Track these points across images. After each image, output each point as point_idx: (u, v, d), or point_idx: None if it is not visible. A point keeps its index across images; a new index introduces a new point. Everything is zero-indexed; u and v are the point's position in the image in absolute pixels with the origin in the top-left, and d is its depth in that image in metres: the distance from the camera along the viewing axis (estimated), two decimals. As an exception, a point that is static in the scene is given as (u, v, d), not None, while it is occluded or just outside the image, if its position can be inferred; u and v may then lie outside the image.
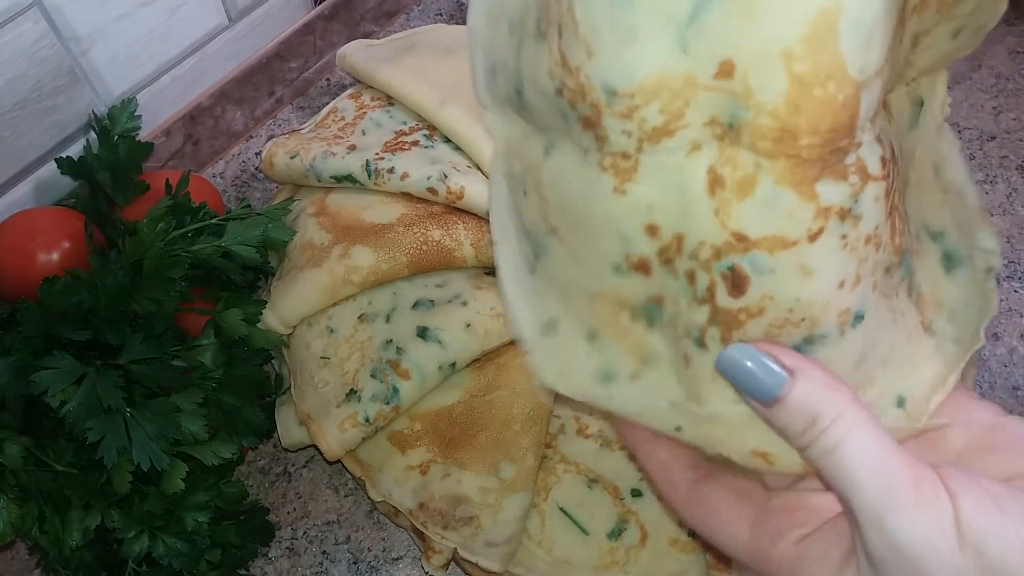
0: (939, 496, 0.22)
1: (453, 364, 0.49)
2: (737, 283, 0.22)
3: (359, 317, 0.51)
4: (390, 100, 0.60)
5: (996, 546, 0.21)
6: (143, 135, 0.56)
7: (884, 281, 0.25)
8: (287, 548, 0.51)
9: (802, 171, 0.20)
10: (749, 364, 0.23)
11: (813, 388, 0.23)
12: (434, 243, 0.52)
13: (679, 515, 0.29)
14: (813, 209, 0.21)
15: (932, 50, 0.25)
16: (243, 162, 0.66)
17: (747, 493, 0.27)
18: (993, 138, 0.65)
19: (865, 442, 0.23)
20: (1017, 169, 0.64)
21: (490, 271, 0.54)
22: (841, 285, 0.23)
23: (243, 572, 0.50)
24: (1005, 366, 0.56)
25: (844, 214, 0.22)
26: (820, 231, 0.21)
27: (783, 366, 0.23)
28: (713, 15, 0.19)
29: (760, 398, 0.24)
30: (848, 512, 0.23)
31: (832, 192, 0.21)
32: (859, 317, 0.24)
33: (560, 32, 0.22)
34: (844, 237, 0.22)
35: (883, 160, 0.22)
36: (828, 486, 0.24)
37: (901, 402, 0.26)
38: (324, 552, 0.51)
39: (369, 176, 0.54)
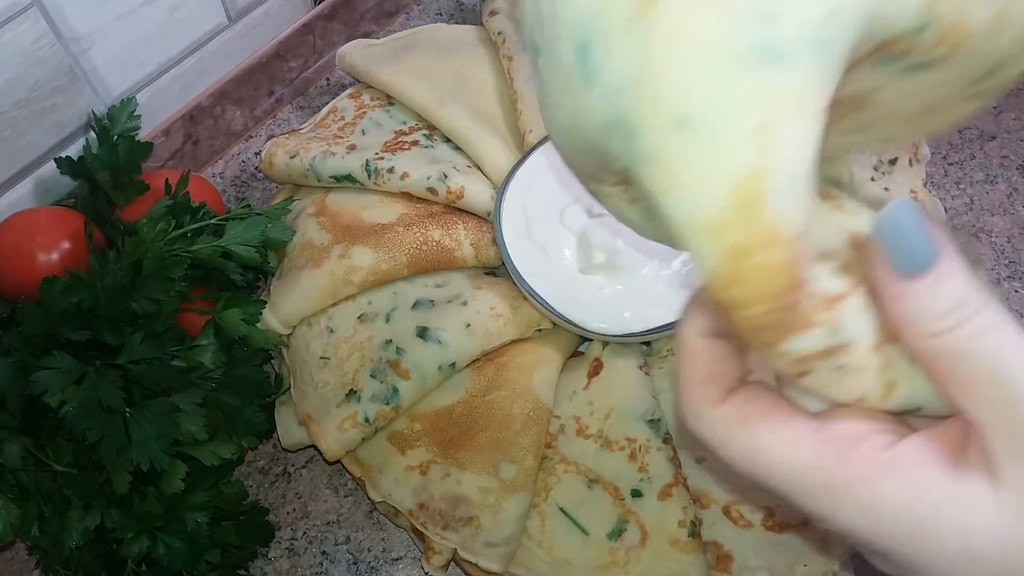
0: None
1: (453, 364, 0.49)
2: None
3: (359, 317, 0.51)
4: (390, 100, 0.60)
5: None
6: (143, 135, 0.56)
7: None
8: (287, 548, 0.51)
9: (761, 337, 0.19)
10: (911, 217, 0.20)
11: (961, 267, 0.20)
12: (434, 243, 0.52)
13: (707, 427, 0.23)
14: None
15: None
16: (243, 162, 0.66)
17: (790, 405, 0.23)
18: (993, 138, 0.65)
19: (1013, 337, 0.20)
20: (1018, 169, 0.64)
21: (490, 271, 0.54)
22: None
23: (243, 572, 0.50)
24: (1005, 366, 0.56)
25: (828, 354, 0.20)
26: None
27: (937, 238, 0.21)
28: (642, 186, 0.18)
29: (914, 261, 0.20)
30: (990, 407, 0.20)
31: (803, 344, 0.20)
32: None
33: None
34: (840, 369, 0.21)
35: (844, 266, 0.21)
36: (952, 383, 0.21)
37: None
38: (324, 552, 0.51)
39: (369, 176, 0.54)
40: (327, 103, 0.62)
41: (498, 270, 0.54)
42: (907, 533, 0.21)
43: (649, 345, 0.52)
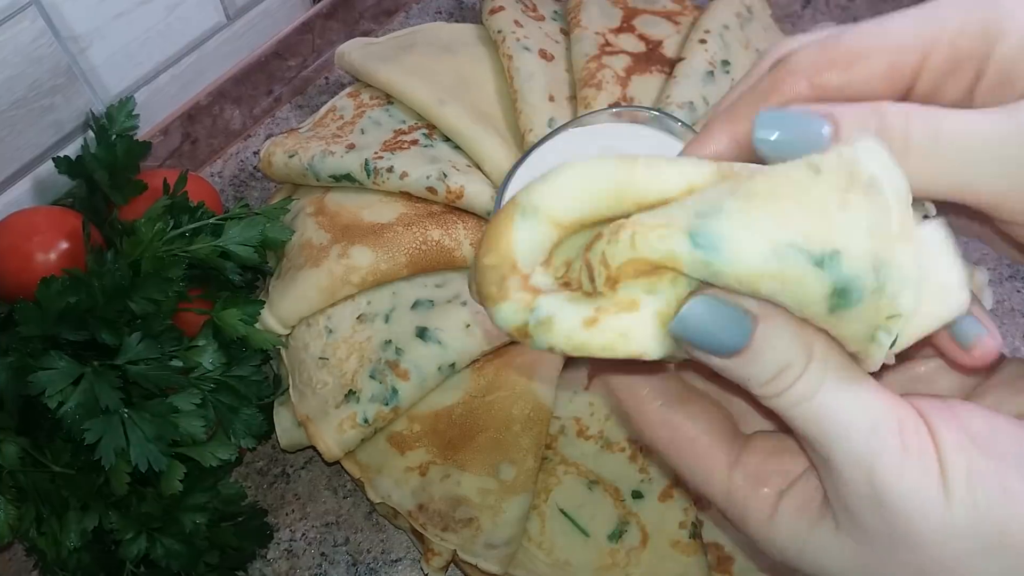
0: (923, 440, 0.20)
1: (453, 365, 0.49)
2: None
3: (358, 317, 0.51)
4: (389, 99, 0.60)
5: (980, 489, 0.20)
6: (141, 134, 0.56)
7: None
8: (285, 550, 0.51)
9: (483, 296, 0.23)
10: (711, 314, 0.21)
11: (778, 333, 0.21)
12: (433, 243, 0.52)
13: (649, 440, 0.26)
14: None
15: None
16: (241, 161, 0.66)
17: (724, 428, 0.25)
18: (995, 137, 0.65)
19: (843, 385, 0.21)
20: (1019, 168, 0.63)
21: (490, 271, 0.54)
22: None
23: (241, 574, 0.49)
24: (1007, 366, 0.56)
25: (538, 326, 0.22)
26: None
27: (747, 310, 0.21)
28: None
29: (721, 351, 0.21)
30: (823, 464, 0.22)
31: (505, 312, 0.23)
32: None
33: None
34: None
35: (564, 276, 0.23)
36: (798, 437, 0.22)
37: None
38: (323, 554, 0.51)
39: (368, 175, 0.54)
40: (326, 102, 0.62)
41: (498, 270, 0.54)
42: (796, 573, 0.24)
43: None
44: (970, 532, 0.20)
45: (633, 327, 0.21)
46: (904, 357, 0.24)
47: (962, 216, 0.24)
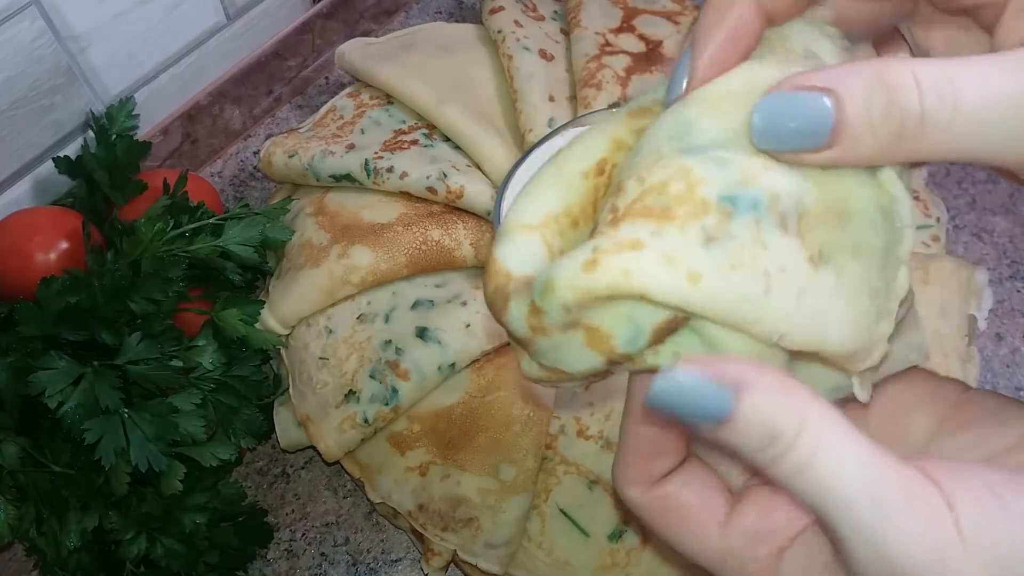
0: (934, 502, 0.19)
1: (453, 365, 0.49)
2: None
3: (358, 317, 0.51)
4: (389, 99, 0.60)
5: (1004, 548, 0.19)
6: (141, 134, 0.56)
7: None
8: (286, 550, 0.51)
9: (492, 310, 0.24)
10: (686, 387, 0.20)
11: (765, 400, 0.20)
12: (433, 243, 0.52)
13: (638, 515, 0.25)
14: None
15: None
16: (241, 161, 0.66)
17: (713, 487, 0.24)
18: (995, 137, 0.65)
19: (841, 452, 0.19)
20: (1019, 168, 0.63)
21: (490, 271, 0.54)
22: None
23: (241, 574, 0.49)
24: (1008, 367, 0.56)
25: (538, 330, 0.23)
26: None
27: (727, 379, 0.20)
28: None
29: (709, 421, 0.20)
30: (828, 529, 0.20)
31: (511, 316, 0.23)
32: None
33: None
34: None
35: None
36: (800, 503, 0.21)
37: None
38: (323, 554, 0.51)
39: (368, 175, 0.54)
40: (326, 102, 0.62)
41: (498, 270, 0.54)
42: None
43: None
44: None
45: (636, 263, 0.20)
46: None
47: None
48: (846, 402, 0.23)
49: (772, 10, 0.22)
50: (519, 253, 0.22)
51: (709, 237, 0.20)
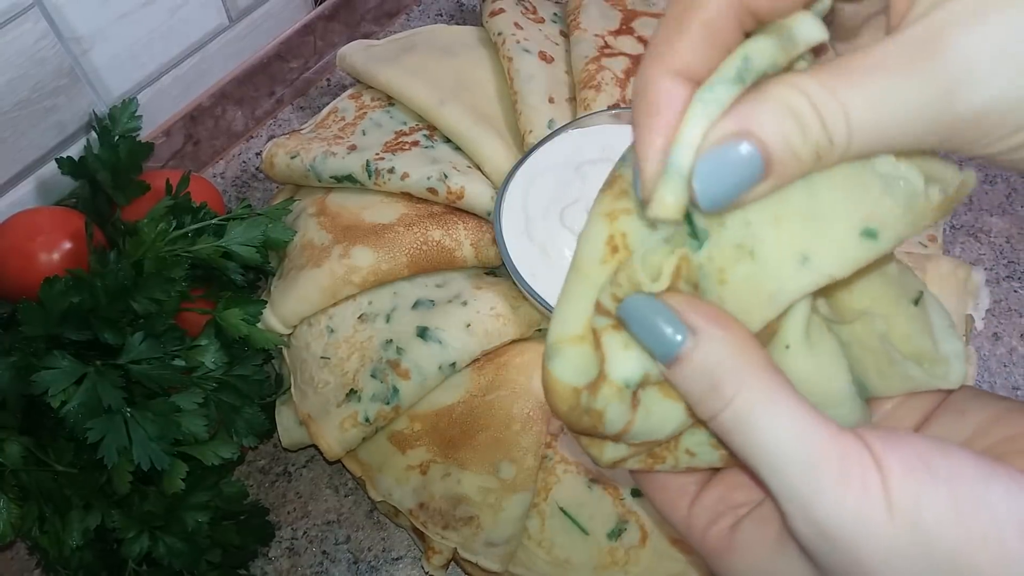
0: (866, 467, 0.20)
1: (453, 364, 0.49)
2: None
3: (359, 317, 0.51)
4: (390, 100, 0.60)
5: (928, 511, 0.19)
6: (143, 135, 0.56)
7: None
8: (287, 548, 0.51)
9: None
10: (650, 313, 0.21)
11: (715, 351, 0.21)
12: (434, 243, 0.52)
13: (636, 479, 0.28)
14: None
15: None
16: (243, 162, 0.66)
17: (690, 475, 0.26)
18: (993, 138, 0.65)
19: (777, 413, 0.20)
20: (1017, 169, 0.64)
21: (490, 271, 0.54)
22: None
23: (243, 572, 0.50)
24: (1005, 366, 0.56)
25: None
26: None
27: (686, 321, 0.21)
28: None
29: (660, 355, 0.21)
30: (767, 491, 0.21)
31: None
32: None
33: None
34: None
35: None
36: (743, 467, 0.22)
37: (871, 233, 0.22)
38: (324, 552, 0.51)
39: (369, 176, 0.54)
40: (328, 104, 0.62)
41: (498, 270, 0.54)
42: None
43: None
44: (922, 557, 0.19)
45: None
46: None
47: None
48: None
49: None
50: (574, 366, 0.23)
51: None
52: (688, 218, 0.22)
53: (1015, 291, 0.59)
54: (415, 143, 0.57)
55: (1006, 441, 0.23)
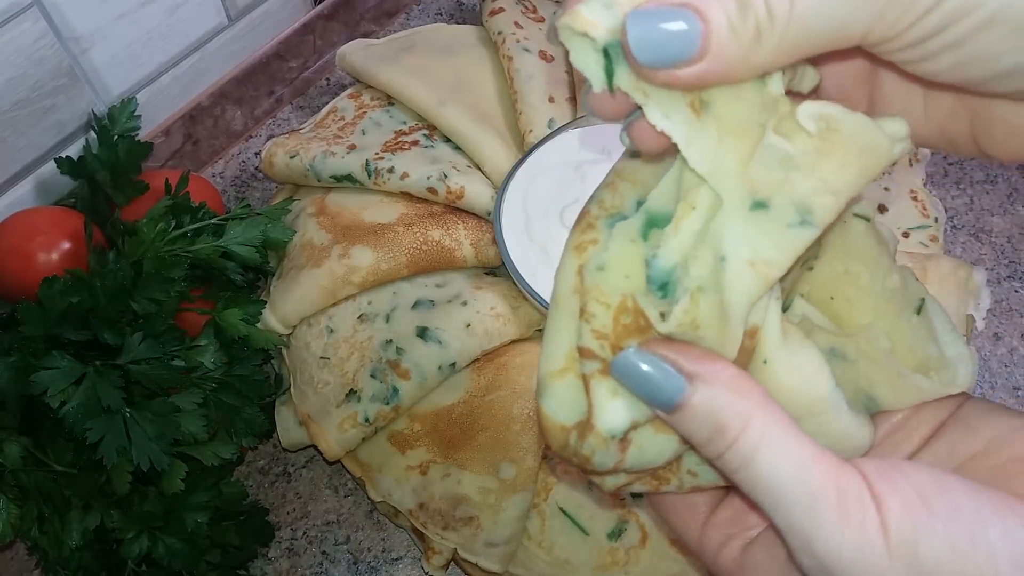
0: (864, 505, 0.20)
1: (453, 364, 0.49)
2: None
3: (359, 317, 0.51)
4: (390, 100, 0.60)
5: (926, 548, 0.19)
6: (143, 135, 0.56)
7: None
8: (287, 548, 0.51)
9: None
10: (645, 368, 0.22)
11: (715, 394, 0.21)
12: (434, 243, 0.52)
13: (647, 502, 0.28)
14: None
15: None
16: (243, 162, 0.66)
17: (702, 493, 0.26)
18: (993, 138, 0.65)
19: (780, 454, 0.21)
20: (1018, 169, 0.64)
21: (490, 271, 0.54)
22: None
23: (243, 572, 0.50)
24: (1006, 366, 0.56)
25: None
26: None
27: (682, 370, 0.21)
28: None
29: (660, 406, 0.22)
30: (773, 524, 0.22)
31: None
32: None
33: None
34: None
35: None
36: (747, 501, 0.23)
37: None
38: (324, 552, 0.51)
39: (369, 176, 0.54)
40: (327, 103, 0.62)
41: (498, 270, 0.54)
42: None
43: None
44: None
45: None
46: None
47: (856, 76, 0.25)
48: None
49: None
50: (561, 402, 0.24)
51: None
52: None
53: (1016, 291, 0.59)
54: (415, 143, 0.57)
55: (1014, 462, 0.23)
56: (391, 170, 0.54)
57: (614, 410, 0.23)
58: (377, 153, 0.55)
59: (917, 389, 0.25)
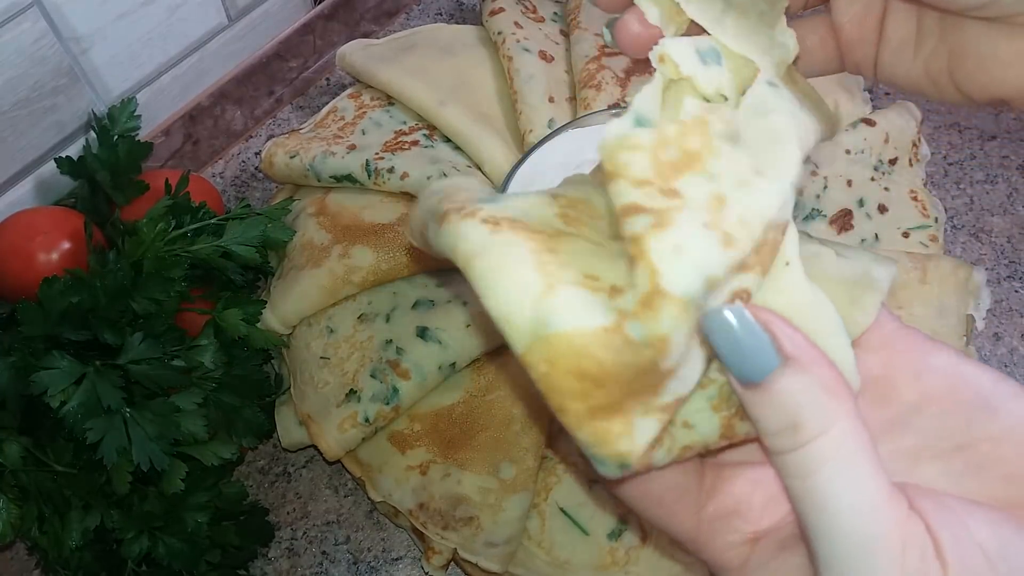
0: (927, 563, 0.18)
1: (453, 364, 0.49)
2: None
3: (359, 317, 0.51)
4: (390, 100, 0.60)
5: None
6: (143, 135, 0.56)
7: None
8: (287, 548, 0.51)
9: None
10: (738, 330, 0.19)
11: (805, 386, 0.19)
12: (434, 243, 0.52)
13: (624, 501, 0.25)
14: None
15: None
16: (243, 162, 0.66)
17: (691, 474, 0.24)
18: (994, 138, 0.65)
19: (851, 478, 0.18)
20: (1018, 169, 0.63)
21: (490, 271, 0.54)
22: None
23: (243, 572, 0.50)
24: (1006, 366, 0.56)
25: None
26: None
27: (781, 348, 0.19)
28: None
29: (741, 376, 0.20)
30: (810, 540, 0.20)
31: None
32: None
33: None
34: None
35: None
36: (794, 508, 0.20)
37: None
38: (324, 552, 0.51)
39: (369, 176, 0.54)
40: (327, 103, 0.62)
41: (498, 270, 0.54)
42: None
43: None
44: None
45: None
46: None
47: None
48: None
49: None
50: (577, 306, 0.19)
51: None
52: None
53: (1016, 291, 0.59)
54: (415, 143, 0.57)
55: None
56: (391, 170, 0.54)
57: (689, 264, 0.19)
58: (377, 153, 0.55)
59: None
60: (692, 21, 0.24)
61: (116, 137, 0.53)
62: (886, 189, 0.57)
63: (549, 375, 0.19)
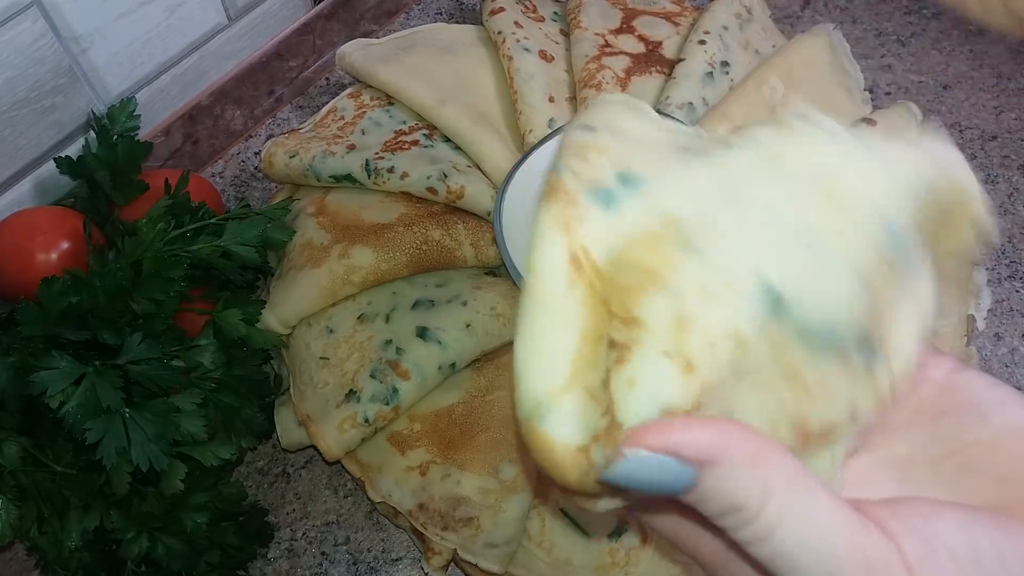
0: (895, 573, 0.19)
1: (453, 364, 0.49)
2: None
3: (359, 317, 0.51)
4: (390, 99, 0.60)
5: None
6: (142, 134, 0.56)
7: None
8: (286, 549, 0.51)
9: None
10: (642, 472, 0.19)
11: (726, 476, 0.19)
12: (434, 243, 0.52)
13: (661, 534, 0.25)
14: None
15: None
16: (242, 162, 0.66)
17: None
18: (994, 138, 0.65)
19: (804, 526, 0.19)
20: (1019, 169, 0.63)
21: (490, 271, 0.54)
22: None
23: (242, 573, 0.50)
24: (1007, 366, 0.56)
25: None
26: None
27: (687, 460, 0.19)
28: None
29: (672, 495, 0.20)
30: None
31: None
32: None
33: None
34: None
35: None
36: (762, 569, 0.21)
37: None
38: (323, 553, 0.51)
39: (368, 175, 0.54)
40: (327, 103, 0.62)
41: (498, 270, 0.54)
42: None
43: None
44: None
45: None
46: None
47: None
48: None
49: None
50: (573, 420, 0.20)
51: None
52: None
53: (1017, 291, 0.59)
54: (415, 142, 0.57)
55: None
56: (391, 170, 0.54)
57: (642, 397, 0.19)
58: (377, 153, 0.55)
59: None
60: None
61: (116, 137, 0.53)
62: (886, 189, 0.57)
63: (530, 448, 0.21)
